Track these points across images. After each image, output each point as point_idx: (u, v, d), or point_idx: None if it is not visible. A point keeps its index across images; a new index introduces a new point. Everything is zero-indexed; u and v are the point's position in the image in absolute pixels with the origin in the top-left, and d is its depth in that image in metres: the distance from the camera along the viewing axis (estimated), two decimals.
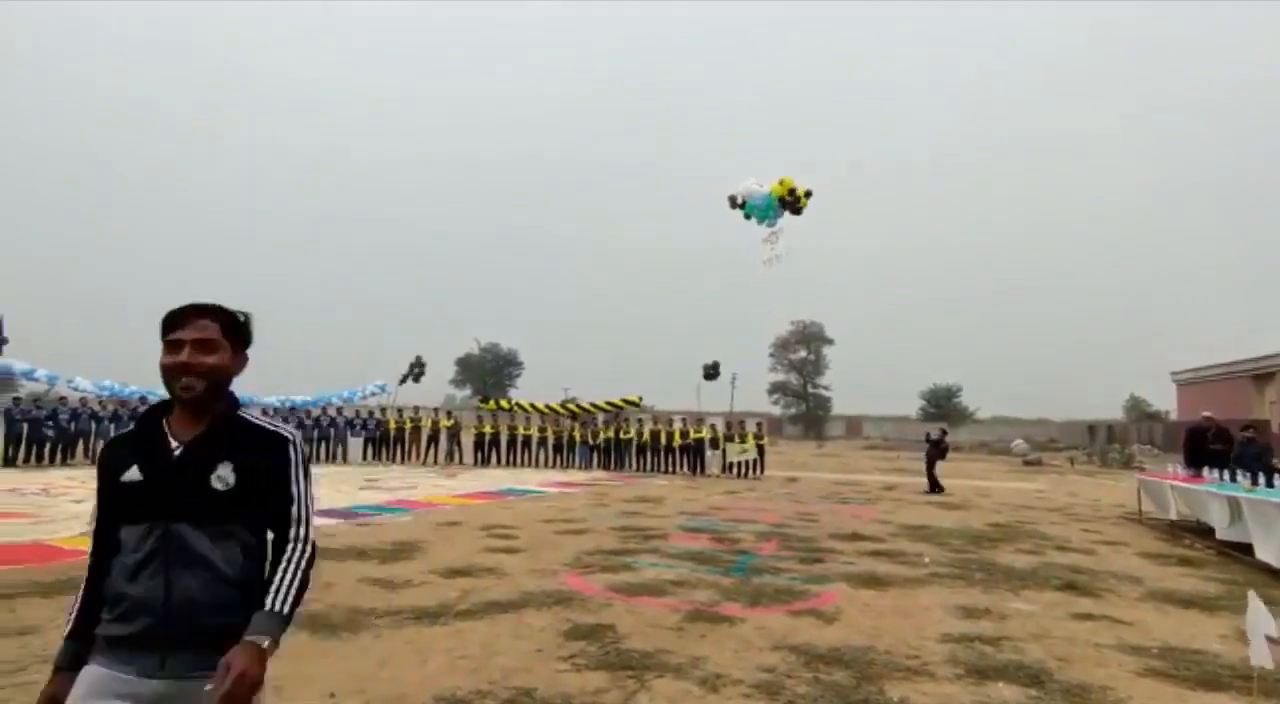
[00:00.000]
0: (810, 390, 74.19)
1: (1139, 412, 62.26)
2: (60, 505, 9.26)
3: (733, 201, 12.77)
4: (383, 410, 21.65)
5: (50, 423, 15.82)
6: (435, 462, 19.85)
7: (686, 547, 7.49)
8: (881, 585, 5.88)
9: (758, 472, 18.60)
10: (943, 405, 70.99)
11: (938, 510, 11.89)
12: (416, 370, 26.15)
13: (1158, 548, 8.45)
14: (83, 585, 1.56)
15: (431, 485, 13.69)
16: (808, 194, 12.31)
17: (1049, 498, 14.84)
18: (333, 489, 12.43)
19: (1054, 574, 6.53)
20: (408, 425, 20.34)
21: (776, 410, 74.28)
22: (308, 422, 19.89)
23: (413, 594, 5.08)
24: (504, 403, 26.81)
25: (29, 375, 18.36)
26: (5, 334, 17.79)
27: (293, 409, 20.90)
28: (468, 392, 71.95)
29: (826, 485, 16.71)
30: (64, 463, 15.86)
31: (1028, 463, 30.13)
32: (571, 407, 23.88)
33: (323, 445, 19.74)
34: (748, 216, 12.64)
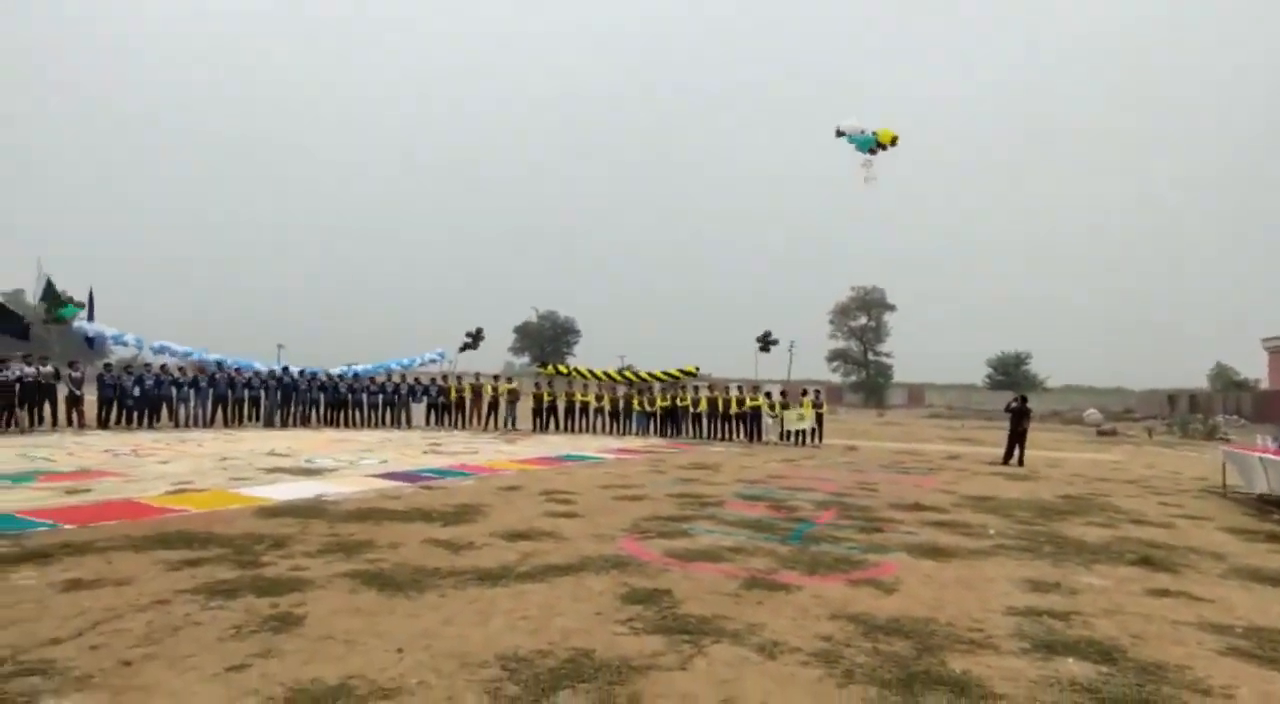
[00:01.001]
0: (871, 358, 72.66)
1: (1225, 380, 58.90)
2: (148, 465, 9.84)
3: (838, 132, 14.27)
4: (444, 377, 22.16)
5: (136, 388, 16.79)
6: (496, 427, 20.31)
7: (743, 514, 7.49)
8: (944, 556, 5.77)
9: (816, 440, 18.42)
10: (1011, 373, 68.68)
11: (1004, 481, 11.56)
12: (475, 339, 26.65)
13: (1243, 523, 8.03)
14: None
15: (493, 450, 14.01)
16: (895, 141, 14.05)
17: (1125, 470, 14.26)
18: (398, 453, 12.86)
19: (1129, 548, 6.28)
20: (468, 392, 20.81)
21: (836, 378, 73.20)
22: (373, 387, 20.54)
23: (475, 556, 5.22)
24: (562, 368, 27.18)
25: (118, 340, 19.42)
26: (94, 303, 18.77)
27: (356, 376, 21.56)
28: (526, 359, 73.16)
29: (887, 454, 16.43)
30: (149, 426, 16.82)
31: (1102, 433, 29.00)
32: (629, 374, 24.01)
33: (388, 411, 20.41)
34: (848, 140, 14.28)
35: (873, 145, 14.22)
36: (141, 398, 16.82)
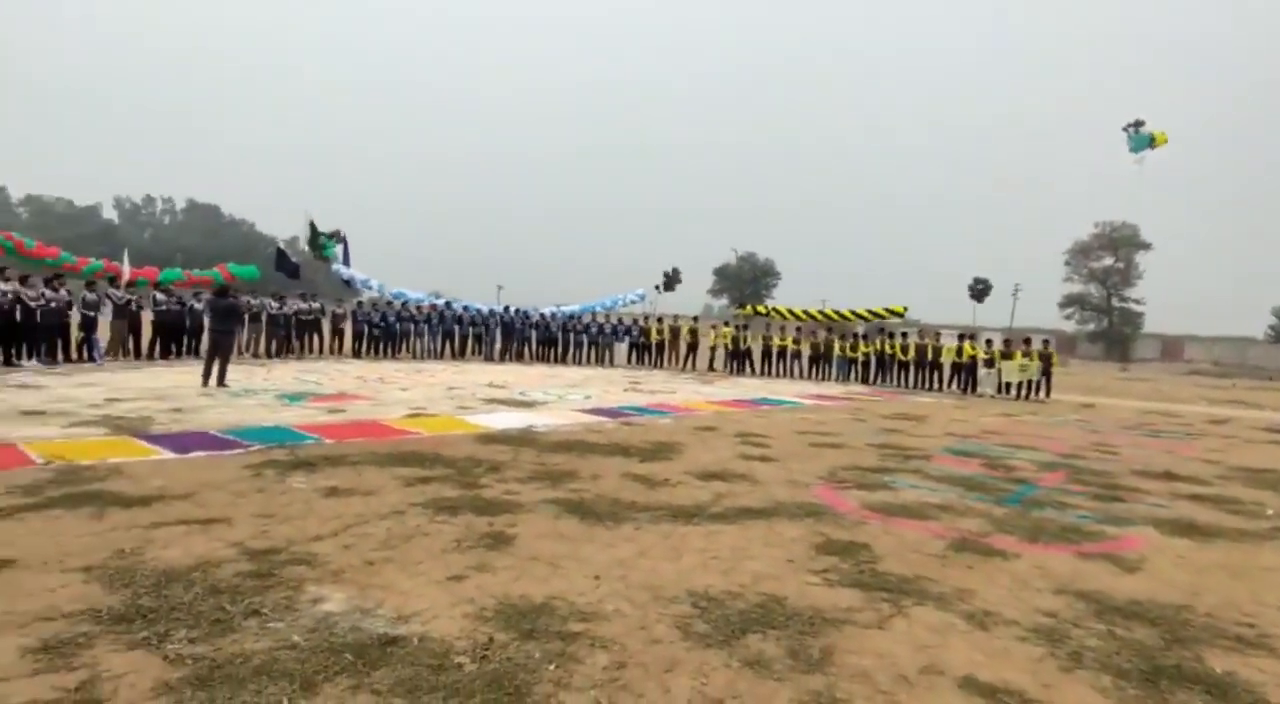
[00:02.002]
0: (1115, 304, 63.67)
1: None
2: (391, 392, 11.20)
3: (1126, 126, 15.59)
4: (645, 318, 22.80)
5: (382, 324, 19.14)
6: (693, 368, 20.63)
7: (953, 470, 6.95)
8: (1203, 536, 4.94)
9: (1041, 394, 16.60)
10: None
11: None
12: (670, 280, 27.09)
13: None
14: None
15: (690, 391, 14.25)
16: (1164, 142, 15.20)
17: None
18: (601, 389, 13.51)
19: None
20: (667, 333, 21.27)
21: (1070, 326, 65.32)
22: (579, 327, 21.68)
23: (669, 493, 5.34)
24: (760, 308, 26.84)
25: (365, 284, 22.18)
26: (349, 249, 21.46)
27: (570, 317, 22.80)
28: (724, 301, 73.17)
29: (1131, 414, 14.44)
30: (392, 356, 19.13)
31: None
32: (830, 313, 23.13)
33: (592, 349, 21.49)
34: (1129, 137, 15.44)
35: (1148, 144, 15.19)
36: (386, 332, 19.18)
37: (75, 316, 13.45)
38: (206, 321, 12.23)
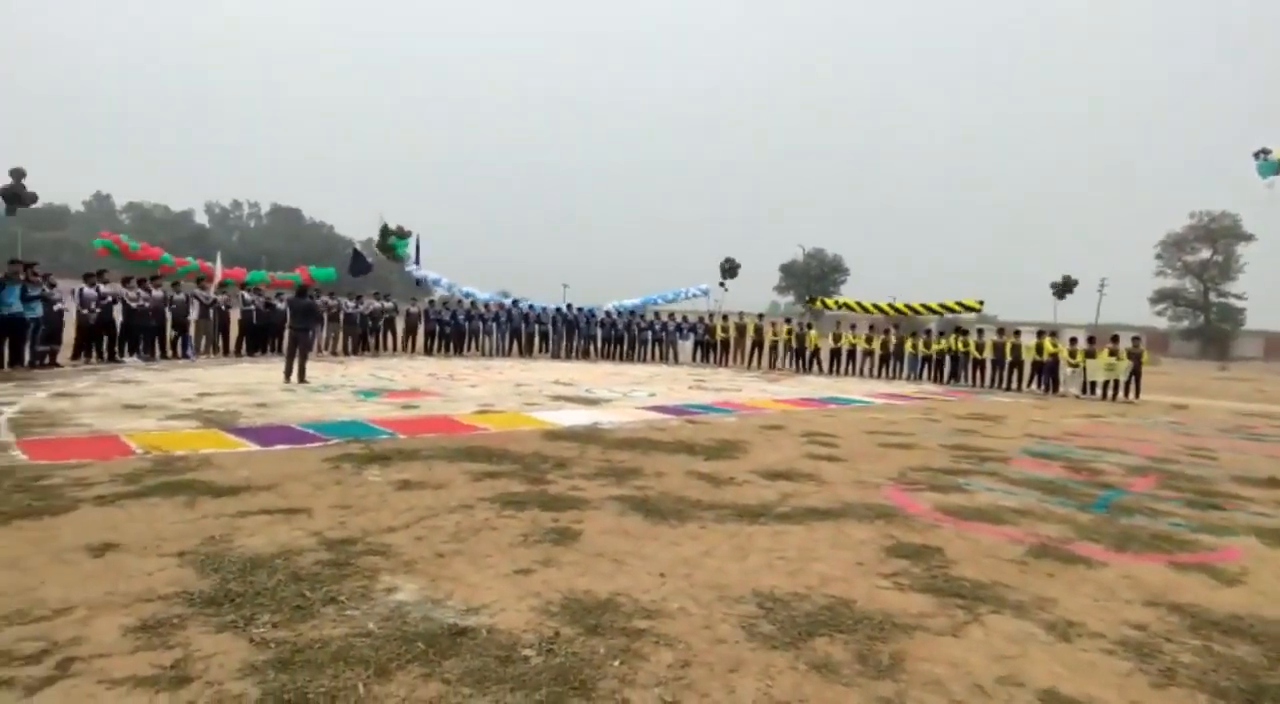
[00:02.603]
0: (1214, 299, 59.80)
1: None
2: (459, 388, 11.48)
3: (1255, 152, 15.88)
4: (710, 316, 22.69)
5: (452, 322, 19.64)
6: (759, 366, 20.41)
7: (1032, 473, 6.65)
8: None
9: (1130, 395, 15.73)
10: None
11: None
12: (729, 272, 26.87)
13: None
14: None
15: (755, 389, 14.11)
16: None
17: None
18: (666, 387, 13.51)
19: None
20: (732, 331, 21.10)
21: (1161, 323, 61.78)
22: (643, 324, 21.73)
23: (735, 492, 5.29)
24: (829, 302, 26.36)
25: (437, 283, 22.83)
26: (420, 250, 22.15)
27: (632, 313, 22.88)
28: (790, 298, 72.15)
29: (1230, 416, 13.54)
30: (459, 354, 19.60)
31: None
32: (900, 307, 22.50)
33: (656, 347, 21.51)
34: (1258, 165, 15.68)
35: (1276, 170, 15.57)
36: (456, 330, 19.67)
37: (168, 316, 14.29)
38: (288, 320, 12.80)
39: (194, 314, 14.85)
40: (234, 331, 15.81)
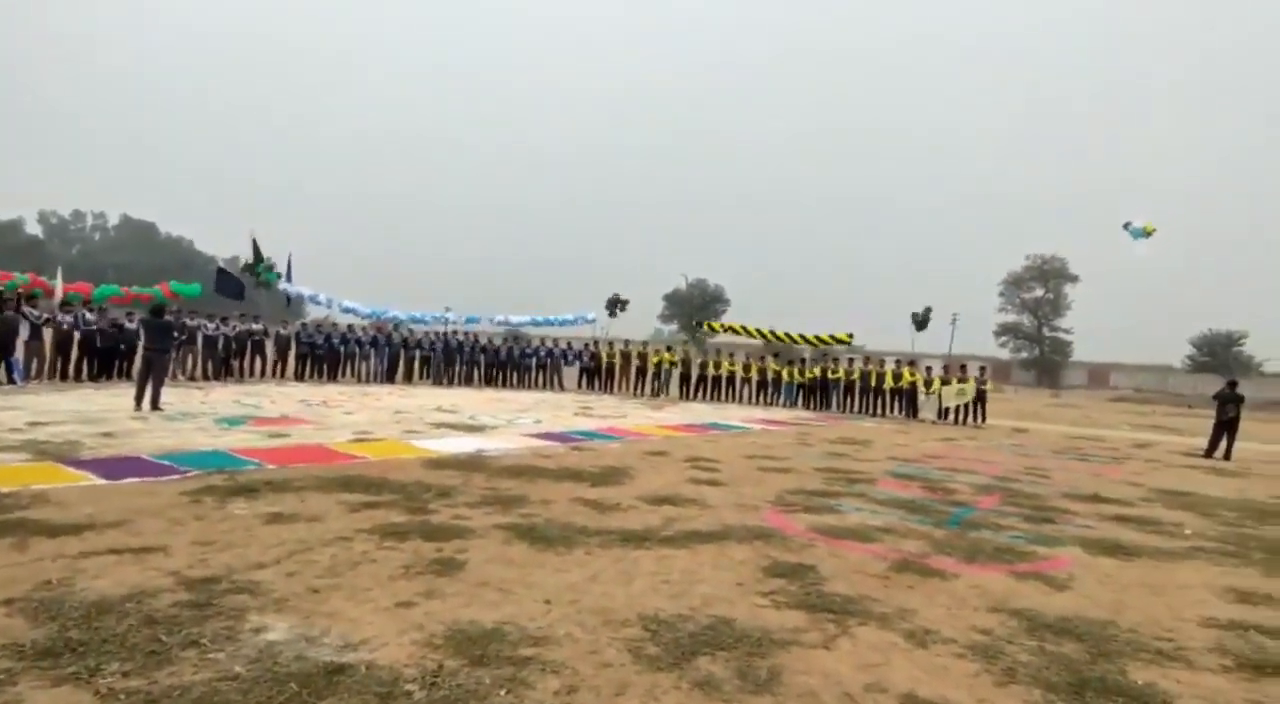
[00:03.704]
0: (1046, 333, 66.56)
1: None
2: (334, 415, 10.94)
3: (1124, 225, 17.66)
4: (595, 343, 22.83)
5: (326, 345, 18.70)
6: (643, 393, 20.71)
7: (895, 493, 7.15)
8: (1127, 555, 5.20)
9: (978, 419, 17.23)
10: (1219, 355, 60.52)
11: (1206, 476, 10.26)
12: (614, 307, 27.29)
13: None
14: None
15: (640, 416, 14.31)
16: (1151, 233, 17.30)
17: None
18: (551, 414, 13.45)
19: None
20: (617, 358, 21.33)
21: (1004, 354, 67.91)
22: (528, 350, 21.55)
23: (620, 517, 5.36)
24: (716, 326, 27.27)
25: (314, 299, 21.71)
26: (292, 266, 21.02)
27: (516, 338, 22.66)
28: (674, 326, 73.75)
29: (1061, 439, 15.08)
30: (333, 379, 18.66)
31: None
32: (780, 334, 23.55)
33: (541, 373, 21.38)
34: (1131, 226, 17.65)
35: (1144, 234, 17.43)
36: (330, 354, 18.73)
37: None
38: (140, 341, 11.76)
39: (24, 335, 13.34)
40: (74, 354, 14.32)
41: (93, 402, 10.77)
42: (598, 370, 21.34)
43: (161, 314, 10.93)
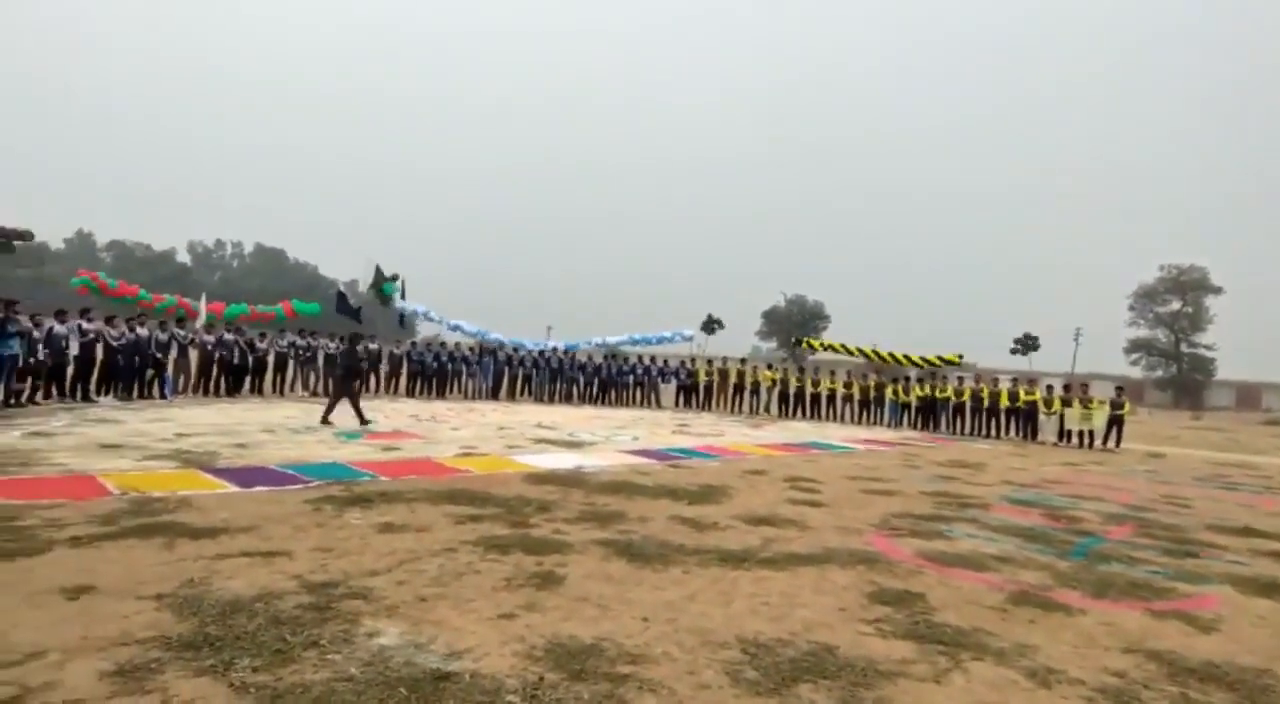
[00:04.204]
0: (1185, 350, 61.06)
1: None
2: (442, 430, 11.42)
3: None
4: (693, 360, 22.82)
5: (435, 363, 19.59)
6: (741, 411, 20.47)
7: (1012, 520, 6.72)
8: None
9: (1111, 443, 15.93)
10: None
11: None
12: (710, 324, 27.27)
13: None
14: None
15: (738, 434, 14.14)
16: None
17: None
18: (649, 431, 13.51)
19: None
20: (715, 376, 21.21)
21: (1136, 372, 62.82)
22: (626, 368, 21.77)
23: (718, 536, 5.30)
24: (815, 343, 26.67)
25: (427, 316, 22.84)
26: (405, 287, 22.21)
27: (614, 356, 22.95)
28: (773, 343, 72.71)
29: (1205, 465, 13.75)
30: (441, 396, 19.49)
31: None
32: (884, 354, 22.76)
33: (638, 391, 21.53)
34: None
35: None
36: (439, 371, 19.61)
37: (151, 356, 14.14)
38: (339, 365, 13.12)
39: (174, 353, 14.72)
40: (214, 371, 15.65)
41: (228, 414, 11.72)
42: (695, 388, 21.29)
43: (356, 342, 12.26)
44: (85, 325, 12.58)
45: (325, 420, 11.01)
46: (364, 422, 11.09)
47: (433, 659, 2.86)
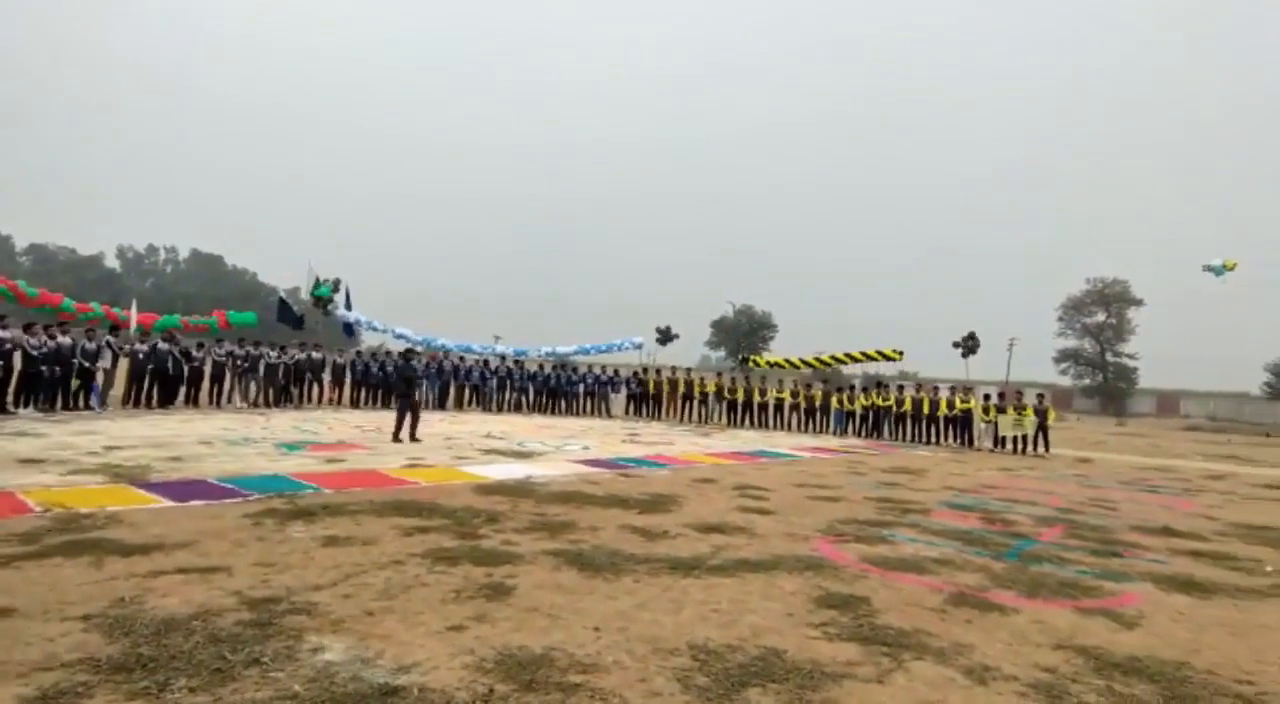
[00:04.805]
0: (1110, 359, 64.02)
1: None
2: (388, 442, 11.18)
3: (1203, 267, 19.21)
4: (643, 370, 22.89)
5: (379, 373, 19.19)
6: (691, 420, 20.61)
7: (951, 524, 6.94)
8: (1202, 592, 4.94)
9: (1040, 449, 16.61)
10: None
11: None
12: (665, 336, 27.50)
13: None
14: None
15: (687, 443, 14.24)
16: (1233, 268, 18.66)
17: None
18: (599, 440, 13.50)
19: None
20: (665, 385, 21.32)
21: (1065, 381, 65.47)
22: (575, 377, 21.70)
23: (669, 545, 5.33)
24: (761, 360, 27.16)
25: (370, 326, 22.38)
26: (350, 294, 21.73)
27: (563, 365, 22.88)
28: (722, 353, 73.43)
29: (1129, 469, 14.43)
30: (387, 406, 19.06)
31: None
32: (826, 358, 23.28)
33: (588, 400, 21.49)
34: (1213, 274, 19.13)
35: (1224, 270, 18.76)
36: (384, 381, 19.20)
37: (76, 365, 13.48)
38: (397, 381, 13.23)
39: (105, 362, 14.06)
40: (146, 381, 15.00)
41: (162, 426, 11.26)
42: (645, 397, 21.35)
43: (408, 359, 12.33)
44: (0, 333, 11.92)
45: (398, 438, 11.09)
46: (408, 439, 11.09)
47: (380, 674, 2.81)
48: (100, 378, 14.00)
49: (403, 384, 11.74)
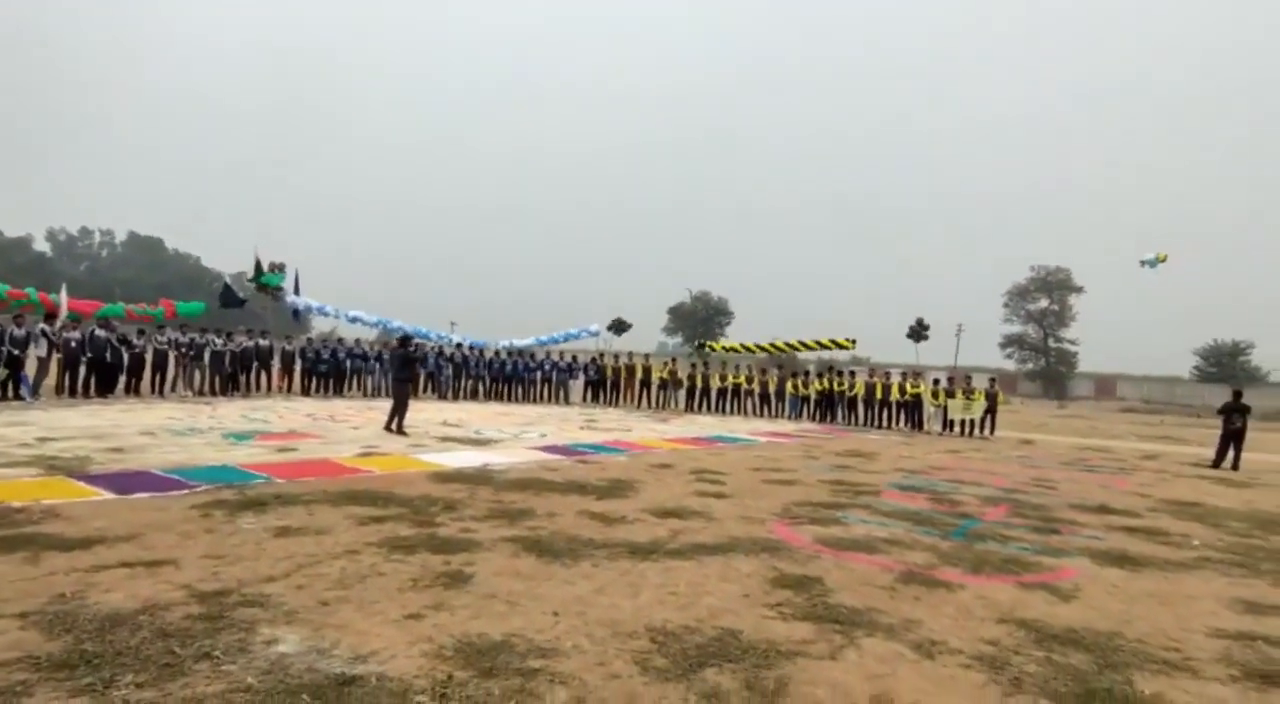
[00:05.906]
0: (1052, 344, 66.33)
1: None
2: (341, 430, 10.99)
3: (1141, 262, 20.75)
4: (600, 356, 22.88)
5: (330, 361, 18.79)
6: (648, 406, 20.71)
7: (901, 505, 7.15)
8: (1134, 565, 5.19)
9: (986, 431, 17.17)
10: (1225, 365, 60.25)
11: (1213, 486, 10.21)
12: (619, 328, 27.59)
13: None
14: None
15: (645, 429, 14.32)
16: (1164, 260, 20.14)
17: None
18: (556, 427, 13.48)
19: None
20: (623, 372, 21.36)
21: (1010, 365, 67.68)
22: (532, 364, 21.60)
23: (626, 530, 5.38)
24: (718, 346, 27.44)
25: (320, 311, 21.82)
26: (299, 280, 21.16)
27: (521, 353, 22.72)
28: (679, 339, 73.78)
29: (1069, 450, 15.02)
30: (339, 394, 18.73)
31: None
32: (781, 345, 23.63)
33: (545, 387, 21.42)
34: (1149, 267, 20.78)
35: (1156, 262, 20.31)
36: (336, 369, 18.82)
37: (2, 353, 12.87)
38: (390, 372, 13.09)
39: (40, 351, 13.45)
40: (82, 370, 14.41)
41: (101, 417, 10.85)
42: (602, 383, 21.37)
43: (405, 346, 11.76)
44: None
45: (390, 429, 10.71)
46: (395, 429, 10.75)
47: (336, 664, 2.78)
48: (34, 367, 13.40)
49: (404, 370, 11.46)
